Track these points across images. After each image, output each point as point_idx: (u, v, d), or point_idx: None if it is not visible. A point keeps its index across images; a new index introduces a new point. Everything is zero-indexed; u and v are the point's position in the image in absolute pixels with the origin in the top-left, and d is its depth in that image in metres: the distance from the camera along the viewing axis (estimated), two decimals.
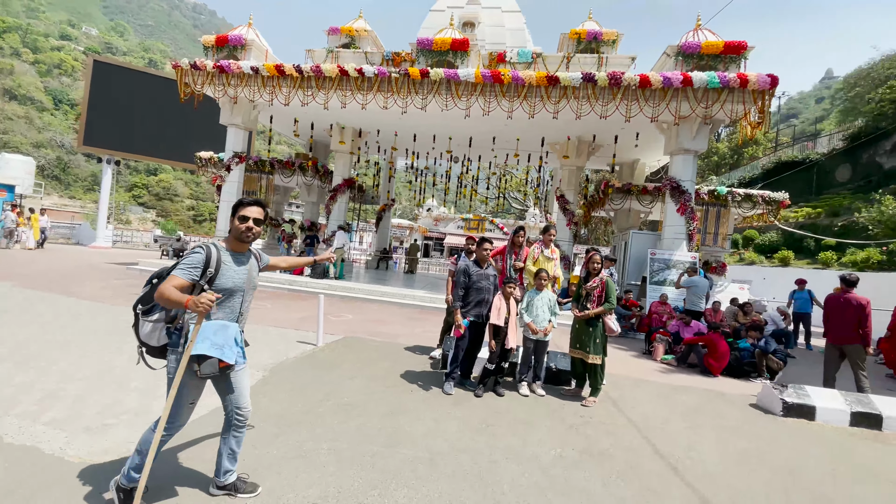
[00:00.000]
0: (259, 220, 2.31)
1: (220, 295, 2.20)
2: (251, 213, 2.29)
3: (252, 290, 2.41)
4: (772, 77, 9.05)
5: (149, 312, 2.25)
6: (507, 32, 14.03)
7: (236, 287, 2.28)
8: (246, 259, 2.37)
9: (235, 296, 2.29)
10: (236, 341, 2.24)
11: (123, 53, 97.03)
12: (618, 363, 6.29)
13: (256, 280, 2.45)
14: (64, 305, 6.85)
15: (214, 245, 2.26)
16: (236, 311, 2.32)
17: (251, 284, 2.38)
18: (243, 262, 2.34)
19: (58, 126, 65.54)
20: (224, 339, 2.17)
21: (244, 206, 2.31)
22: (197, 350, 2.09)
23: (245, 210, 2.29)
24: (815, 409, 4.33)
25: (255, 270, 2.42)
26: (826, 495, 3.00)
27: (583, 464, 3.10)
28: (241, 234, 2.28)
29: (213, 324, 2.19)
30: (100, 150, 19.93)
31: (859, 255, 16.20)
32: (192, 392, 2.25)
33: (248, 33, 12.12)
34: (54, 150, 61.53)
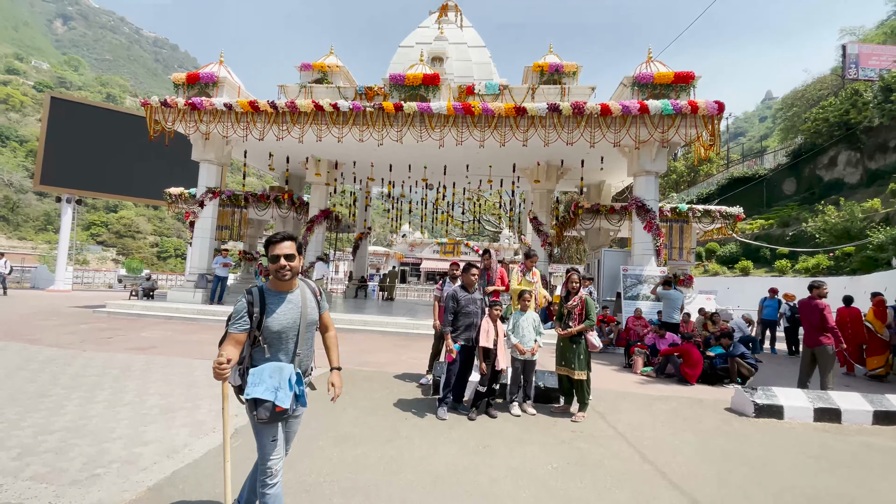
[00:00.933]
0: (291, 255, 2.18)
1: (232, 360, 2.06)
2: (281, 250, 2.17)
3: (310, 327, 2.28)
4: (718, 103, 9.88)
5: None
6: (475, 66, 14.74)
7: (284, 327, 2.18)
8: (295, 296, 2.25)
9: (287, 336, 2.19)
10: (291, 384, 2.14)
11: (78, 88, 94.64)
12: (601, 377, 6.52)
13: (315, 315, 2.30)
14: (25, 356, 6.52)
15: (258, 288, 2.20)
16: (290, 352, 2.22)
17: (306, 322, 2.23)
18: (291, 300, 2.22)
19: (4, 164, 62.71)
20: (279, 381, 2.10)
21: (274, 244, 2.20)
22: (252, 393, 2.05)
23: (275, 248, 2.18)
24: (782, 408, 4.67)
25: (309, 307, 2.27)
26: (794, 484, 3.27)
27: (578, 475, 3.24)
28: (276, 274, 2.19)
29: (270, 366, 2.13)
30: (59, 189, 19.22)
31: (810, 262, 17.37)
32: (267, 432, 2.17)
33: (219, 70, 12.24)
34: (1, 190, 58.57)
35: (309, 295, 2.31)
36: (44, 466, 3.23)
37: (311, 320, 2.27)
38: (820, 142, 25.05)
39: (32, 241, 61.18)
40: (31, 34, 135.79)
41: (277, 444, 2.19)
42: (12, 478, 3.08)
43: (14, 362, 5.99)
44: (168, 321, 10.40)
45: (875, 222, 16.13)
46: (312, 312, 2.28)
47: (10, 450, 3.47)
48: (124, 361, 6.30)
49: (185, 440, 3.73)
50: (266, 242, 2.22)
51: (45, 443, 3.61)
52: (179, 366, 6.19)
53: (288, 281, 2.21)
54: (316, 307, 2.32)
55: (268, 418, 2.07)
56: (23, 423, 4.00)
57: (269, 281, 2.25)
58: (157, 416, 4.27)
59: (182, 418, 4.23)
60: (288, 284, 2.23)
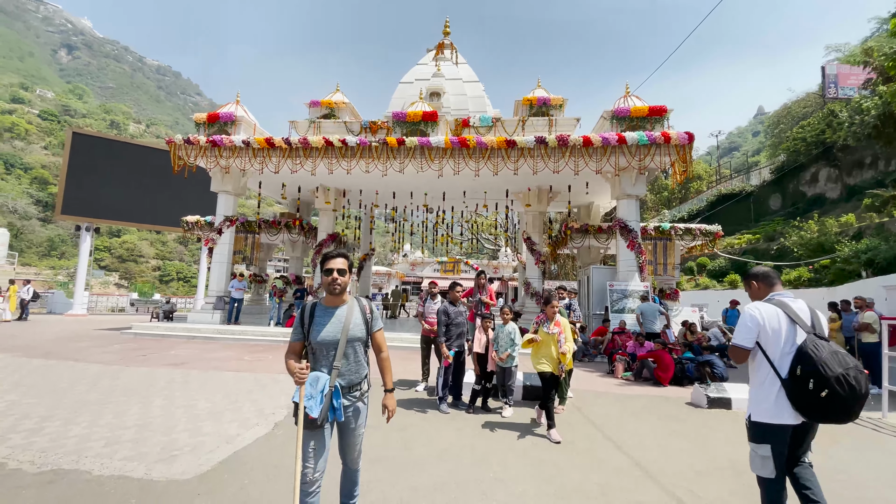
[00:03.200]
0: (343, 271, 2.36)
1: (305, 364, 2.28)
2: (334, 265, 2.34)
3: (352, 343, 2.36)
4: (689, 134, 10.99)
5: None
6: (469, 100, 15.98)
7: (325, 339, 2.30)
8: (342, 311, 2.38)
9: (327, 348, 2.32)
10: (323, 394, 2.23)
11: (83, 116, 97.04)
12: (585, 381, 7.39)
13: (358, 332, 2.39)
14: (77, 371, 7.39)
15: (313, 303, 2.42)
16: (329, 364, 2.32)
17: (346, 337, 2.33)
18: (337, 315, 2.36)
19: (10, 191, 64.00)
20: (314, 390, 2.23)
21: (328, 259, 2.36)
22: (294, 397, 2.27)
23: (329, 263, 2.35)
24: (730, 400, 5.56)
25: (353, 323, 2.37)
26: (723, 453, 4.15)
27: (553, 449, 4.14)
28: (329, 287, 2.35)
29: (311, 375, 2.28)
30: (78, 219, 20.31)
31: (792, 275, 18.30)
32: (306, 437, 2.28)
33: (237, 110, 13.45)
34: (5, 217, 59.63)
35: (357, 312, 2.42)
36: (130, 451, 4.10)
37: (352, 336, 2.36)
38: (802, 159, 26.30)
39: (36, 267, 62.19)
40: (35, 64, 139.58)
41: (314, 454, 2.26)
42: (108, 459, 3.95)
43: (69, 377, 6.88)
44: (191, 341, 11.27)
45: (849, 236, 17.13)
46: (356, 329, 2.37)
47: (97, 441, 4.35)
48: (165, 375, 7.18)
49: (236, 431, 4.61)
50: (322, 259, 2.39)
51: (123, 436, 4.48)
52: (214, 378, 7.07)
53: (339, 295, 2.38)
54: (362, 325, 2.41)
55: (302, 424, 2.22)
56: (99, 422, 4.87)
57: (324, 297, 2.46)
58: (207, 416, 5.15)
59: (229, 417, 5.10)
60: (338, 299, 2.40)
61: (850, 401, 2.25)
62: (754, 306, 2.57)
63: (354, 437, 2.44)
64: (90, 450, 4.07)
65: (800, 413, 2.37)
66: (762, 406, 2.46)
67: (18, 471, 3.59)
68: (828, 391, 2.24)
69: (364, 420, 2.49)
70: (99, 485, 3.39)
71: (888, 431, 5.17)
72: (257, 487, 3.33)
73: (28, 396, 5.66)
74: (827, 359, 2.28)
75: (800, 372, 2.34)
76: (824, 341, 2.37)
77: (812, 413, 2.34)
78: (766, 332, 2.46)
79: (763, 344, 2.48)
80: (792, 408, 2.38)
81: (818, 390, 2.26)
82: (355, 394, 2.41)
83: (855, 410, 2.30)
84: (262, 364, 8.24)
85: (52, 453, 3.95)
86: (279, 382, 6.78)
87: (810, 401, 2.31)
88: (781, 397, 2.40)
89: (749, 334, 2.50)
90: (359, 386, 2.42)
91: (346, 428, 2.40)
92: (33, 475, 3.52)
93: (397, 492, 3.28)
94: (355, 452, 2.48)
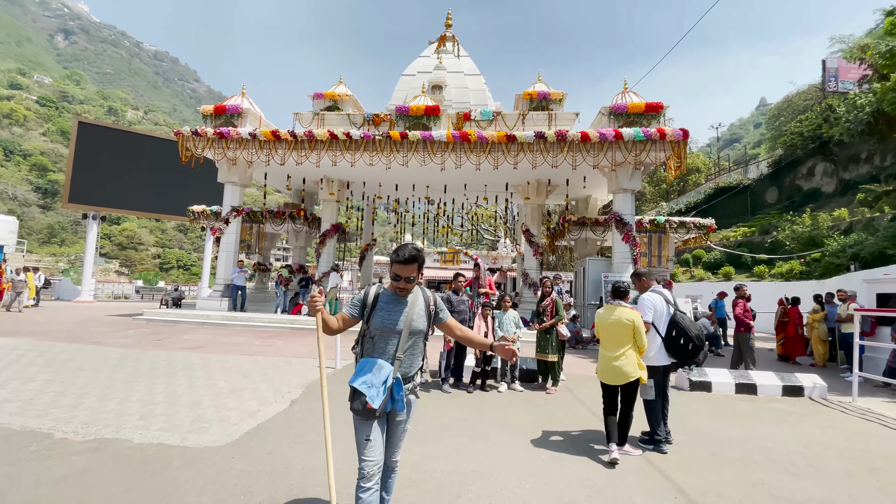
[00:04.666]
0: (410, 279, 2.24)
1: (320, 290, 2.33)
2: (403, 272, 2.21)
3: (413, 335, 2.27)
4: (683, 131, 11.33)
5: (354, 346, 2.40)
6: (471, 93, 16.23)
7: (386, 327, 2.21)
8: (408, 301, 2.29)
9: (389, 337, 2.22)
10: (385, 385, 2.13)
11: (80, 102, 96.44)
12: (577, 366, 7.86)
13: (421, 325, 2.29)
14: (102, 354, 7.85)
15: (378, 284, 2.36)
16: (391, 354, 2.22)
17: (409, 328, 2.24)
18: (401, 303, 2.27)
19: (9, 178, 63.98)
20: (376, 379, 2.13)
21: (398, 263, 2.22)
22: (352, 381, 2.13)
23: (398, 269, 2.22)
24: (710, 383, 6.03)
25: (416, 314, 2.28)
26: (703, 429, 4.61)
27: (545, 424, 4.60)
28: (393, 289, 2.28)
29: (373, 361, 2.17)
30: (85, 207, 20.65)
31: (784, 267, 18.75)
32: (361, 428, 2.19)
33: (242, 102, 13.72)
34: (6, 203, 59.73)
35: (420, 303, 2.32)
36: (164, 423, 4.54)
37: (415, 328, 2.26)
38: (799, 153, 26.56)
39: (37, 255, 62.58)
40: (33, 49, 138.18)
41: (370, 445, 2.15)
42: (145, 430, 4.39)
43: (96, 359, 7.33)
44: (202, 326, 11.73)
45: (840, 230, 17.53)
46: (419, 321, 2.28)
47: (132, 415, 4.78)
48: (184, 358, 7.63)
49: (257, 407, 5.07)
50: (393, 256, 2.24)
51: (154, 411, 4.92)
52: (230, 361, 7.53)
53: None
54: (425, 317, 2.31)
55: (358, 412, 2.13)
56: (130, 398, 5.32)
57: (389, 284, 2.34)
58: (228, 393, 5.60)
59: (248, 395, 5.55)
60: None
61: (699, 350, 3.98)
62: (647, 296, 4.13)
63: (400, 431, 2.35)
64: (127, 422, 4.50)
65: (672, 357, 4.05)
66: (650, 355, 3.99)
67: (65, 440, 4.02)
68: (691, 344, 3.94)
69: (412, 414, 2.41)
70: (141, 451, 3.82)
71: (855, 413, 5.63)
72: (282, 452, 3.78)
73: (61, 376, 6.11)
74: (688, 325, 3.96)
75: (674, 333, 3.97)
76: (682, 314, 4.06)
77: (679, 357, 4.04)
78: (656, 311, 4.06)
79: (654, 319, 4.04)
80: (667, 355, 4.04)
81: (685, 344, 3.95)
82: (408, 386, 2.31)
83: (700, 357, 4.04)
84: (274, 348, 8.70)
85: (93, 425, 4.38)
86: (292, 365, 7.24)
87: (678, 350, 4.00)
88: (661, 349, 4.04)
89: (650, 313, 4.04)
90: (412, 378, 2.34)
91: (393, 420, 2.31)
92: (80, 443, 3.94)
93: (410, 457, 3.74)
94: (399, 447, 2.39)
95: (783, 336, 9.97)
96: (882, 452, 4.21)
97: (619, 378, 3.74)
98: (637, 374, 3.73)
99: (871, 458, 4.05)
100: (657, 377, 4.04)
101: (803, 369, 8.78)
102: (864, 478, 3.60)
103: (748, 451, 4.11)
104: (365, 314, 2.29)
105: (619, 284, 3.98)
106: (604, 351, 3.87)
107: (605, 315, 3.89)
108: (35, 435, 4.02)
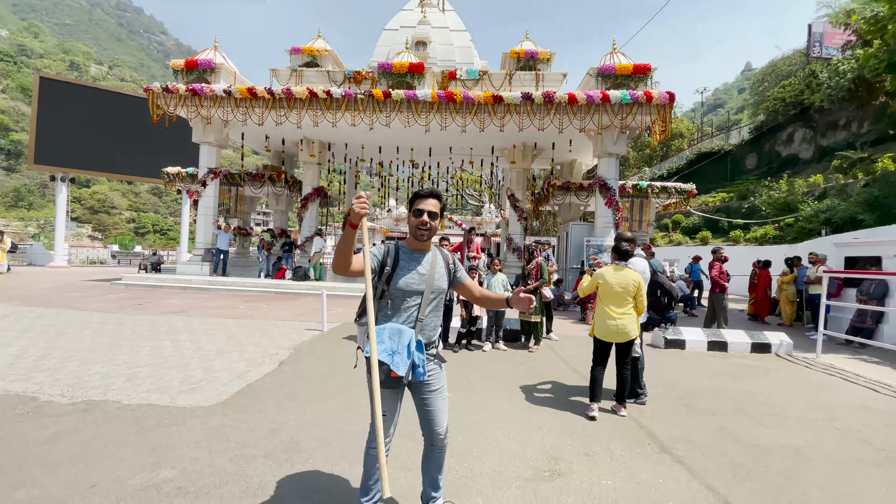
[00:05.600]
0: (434, 214, 2.07)
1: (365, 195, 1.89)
2: (427, 205, 2.06)
3: (436, 295, 2.11)
4: (670, 94, 11.25)
5: (360, 317, 2.11)
6: (456, 50, 15.67)
7: (409, 288, 2.04)
8: (427, 259, 2.13)
9: (411, 298, 2.06)
10: (410, 350, 1.97)
11: (40, 56, 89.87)
12: (559, 328, 8.09)
13: (443, 283, 2.15)
14: (82, 318, 7.72)
15: (396, 243, 2.14)
16: (413, 317, 2.06)
17: (431, 287, 2.09)
18: (423, 263, 2.11)
19: None
20: (397, 344, 1.96)
21: (420, 198, 2.08)
22: (369, 353, 1.87)
23: (420, 203, 2.06)
24: (685, 341, 6.32)
25: (437, 273, 2.12)
26: (676, 381, 4.87)
27: (527, 378, 4.79)
28: (415, 230, 2.08)
29: (390, 327, 2.00)
30: (52, 168, 19.65)
31: (759, 232, 19.33)
32: (383, 402, 1.98)
33: (215, 56, 12.97)
34: None
35: (440, 262, 2.19)
36: (152, 385, 4.54)
37: (437, 287, 2.12)
38: (779, 120, 26.82)
39: (4, 219, 59.85)
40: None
41: (387, 420, 2.04)
42: (132, 391, 4.39)
43: (76, 323, 7.21)
44: (183, 291, 11.58)
45: (815, 196, 18.04)
46: (441, 280, 2.14)
47: (118, 377, 4.76)
48: (167, 322, 7.57)
49: (245, 368, 5.11)
50: (412, 197, 2.12)
51: (141, 373, 4.91)
52: (214, 324, 7.51)
53: (425, 241, 2.11)
54: (445, 276, 2.18)
55: (382, 383, 1.94)
56: (115, 361, 5.28)
57: (405, 240, 2.17)
58: (215, 355, 5.62)
59: (236, 356, 5.59)
60: (424, 245, 2.13)
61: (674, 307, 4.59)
62: (637, 260, 4.34)
63: (441, 401, 2.16)
64: (113, 385, 4.49)
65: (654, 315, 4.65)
66: None
67: (51, 402, 3.99)
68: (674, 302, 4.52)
69: (445, 381, 2.22)
70: (132, 411, 3.84)
71: (818, 368, 6.01)
72: (274, 410, 3.86)
73: (40, 341, 6.01)
74: (669, 285, 4.60)
75: (659, 293, 4.50)
76: (664, 276, 4.59)
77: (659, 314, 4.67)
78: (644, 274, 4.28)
79: None
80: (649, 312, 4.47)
81: (669, 302, 4.58)
82: (432, 352, 2.15)
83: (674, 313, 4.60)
84: (259, 312, 8.69)
85: (79, 388, 4.35)
86: (279, 328, 7.27)
87: (661, 307, 4.58)
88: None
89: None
90: (434, 344, 2.17)
91: (429, 391, 2.12)
92: (67, 405, 3.93)
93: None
94: (445, 420, 2.18)
95: (754, 296, 10.42)
96: (841, 403, 4.54)
97: (619, 336, 3.88)
98: (636, 333, 3.91)
99: (831, 408, 4.37)
100: (640, 334, 4.30)
101: (771, 328, 9.27)
102: (822, 425, 3.90)
103: (717, 402, 4.38)
104: (384, 273, 2.05)
105: (625, 247, 4.01)
106: (606, 310, 3.92)
107: (611, 275, 3.93)
108: (20, 398, 3.99)
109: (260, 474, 2.75)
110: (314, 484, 2.68)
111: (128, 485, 2.59)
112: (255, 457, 2.97)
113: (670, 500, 2.58)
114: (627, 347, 3.98)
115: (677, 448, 3.29)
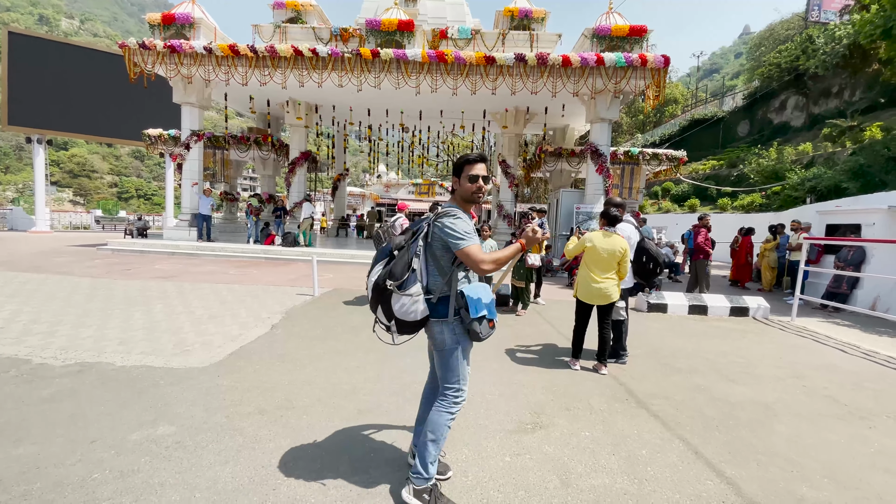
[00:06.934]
0: (487, 178, 2.12)
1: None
2: (480, 170, 2.08)
3: None
4: (665, 57, 11.02)
5: (405, 286, 2.02)
6: (447, 7, 15.02)
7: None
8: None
9: None
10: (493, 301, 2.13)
11: (7, 9, 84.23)
12: (546, 293, 8.28)
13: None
14: (70, 283, 7.67)
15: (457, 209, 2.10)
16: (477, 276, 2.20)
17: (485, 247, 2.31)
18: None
19: None
20: (489, 300, 2.07)
21: (470, 163, 2.09)
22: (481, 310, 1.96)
23: (473, 168, 2.08)
24: (667, 305, 6.53)
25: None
26: (655, 343, 5.08)
27: (512, 340, 4.95)
28: (472, 195, 2.10)
29: (478, 286, 2.07)
30: (28, 130, 18.85)
31: (746, 200, 19.54)
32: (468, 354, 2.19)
33: (194, 10, 12.29)
34: None
35: None
36: (147, 348, 4.60)
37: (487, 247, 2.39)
38: (773, 86, 26.52)
39: None
40: None
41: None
42: (126, 354, 4.44)
43: (64, 288, 7.17)
44: (172, 256, 11.50)
45: (803, 165, 18.16)
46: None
47: (111, 341, 4.80)
48: (157, 286, 7.56)
49: (238, 332, 5.18)
50: (461, 162, 2.12)
51: (134, 337, 4.95)
52: (206, 289, 7.52)
53: (476, 203, 2.15)
54: None
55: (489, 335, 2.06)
56: (108, 325, 5.31)
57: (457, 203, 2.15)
58: (208, 319, 5.67)
59: (228, 321, 5.65)
60: (471, 207, 2.16)
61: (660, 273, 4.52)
62: (624, 225, 4.38)
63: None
64: (107, 348, 4.53)
65: (639, 279, 4.49)
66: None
67: (45, 365, 4.03)
68: (659, 267, 4.38)
69: None
70: (126, 372, 3.91)
71: (791, 330, 6.28)
72: (268, 370, 3.96)
73: (29, 306, 5.99)
74: (656, 251, 4.36)
75: (644, 259, 4.35)
76: (650, 241, 4.43)
77: (646, 279, 4.49)
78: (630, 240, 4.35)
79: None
80: (634, 277, 4.45)
81: (655, 267, 4.37)
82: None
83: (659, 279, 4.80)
84: (250, 277, 8.71)
85: (72, 351, 4.39)
86: (270, 293, 7.32)
87: (646, 272, 4.41)
88: (630, 273, 4.34)
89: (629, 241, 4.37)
90: None
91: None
92: (61, 367, 3.98)
93: (390, 370, 4.02)
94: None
95: (735, 263, 10.69)
96: (810, 363, 4.79)
97: (601, 299, 4.02)
98: (617, 296, 4.05)
99: (800, 367, 4.61)
100: (626, 298, 4.50)
101: (751, 293, 9.58)
102: (791, 382, 4.13)
103: (694, 362, 4.59)
104: None
105: (614, 212, 4.08)
106: (591, 274, 4.04)
107: (600, 241, 4.01)
108: (13, 361, 4.03)
109: (256, 429, 2.86)
110: (308, 436, 2.81)
111: (127, 440, 2.69)
112: (251, 413, 3.08)
113: (644, 450, 2.77)
114: (608, 309, 4.13)
115: (654, 404, 3.48)
